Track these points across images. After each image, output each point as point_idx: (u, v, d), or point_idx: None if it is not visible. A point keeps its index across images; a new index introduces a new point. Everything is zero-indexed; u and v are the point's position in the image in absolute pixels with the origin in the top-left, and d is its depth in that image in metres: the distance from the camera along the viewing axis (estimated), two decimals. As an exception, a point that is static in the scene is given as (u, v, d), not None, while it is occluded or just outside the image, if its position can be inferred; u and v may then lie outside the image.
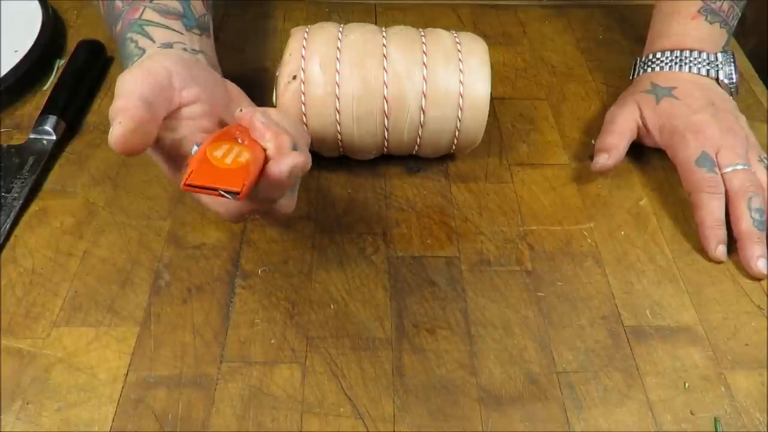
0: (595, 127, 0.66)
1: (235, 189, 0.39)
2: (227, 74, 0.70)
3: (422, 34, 0.57)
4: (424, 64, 0.54)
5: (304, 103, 0.54)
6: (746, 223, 0.55)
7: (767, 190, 0.57)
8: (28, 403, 0.45)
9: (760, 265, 0.53)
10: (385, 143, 0.57)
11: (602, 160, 0.59)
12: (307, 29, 0.56)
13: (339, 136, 0.56)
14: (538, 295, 0.52)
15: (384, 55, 0.54)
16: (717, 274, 0.54)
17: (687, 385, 0.47)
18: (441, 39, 0.56)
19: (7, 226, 0.55)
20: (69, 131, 0.63)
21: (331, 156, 0.59)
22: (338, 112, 0.54)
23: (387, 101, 0.54)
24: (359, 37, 0.55)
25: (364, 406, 0.45)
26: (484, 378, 0.47)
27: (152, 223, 0.56)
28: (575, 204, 0.59)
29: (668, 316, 0.51)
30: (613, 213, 0.58)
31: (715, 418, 0.46)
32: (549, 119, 0.67)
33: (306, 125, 0.55)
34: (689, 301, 0.52)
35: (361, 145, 0.57)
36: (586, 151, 0.64)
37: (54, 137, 0.61)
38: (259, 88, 0.69)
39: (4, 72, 0.65)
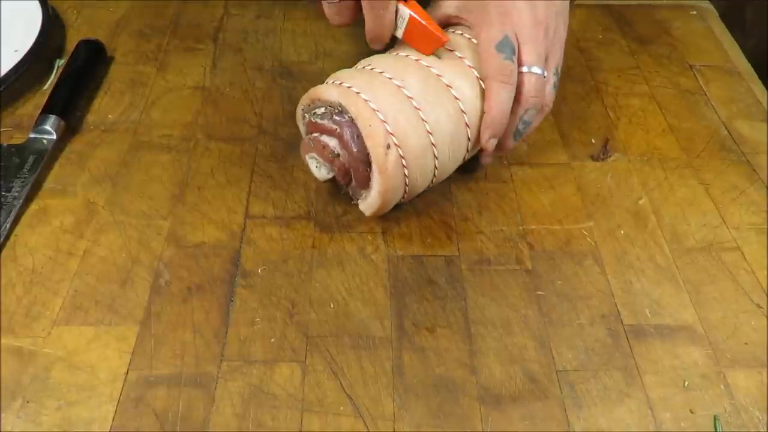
0: (594, 127, 0.66)
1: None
2: (227, 74, 0.70)
3: (449, 47, 0.56)
4: (477, 78, 0.54)
5: (406, 167, 0.52)
6: (510, 128, 0.55)
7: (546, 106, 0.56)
8: (28, 402, 0.45)
9: (490, 144, 0.55)
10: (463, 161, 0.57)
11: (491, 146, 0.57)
12: (352, 88, 0.52)
13: (434, 179, 0.55)
14: (538, 294, 0.52)
15: (448, 85, 0.53)
16: (716, 272, 0.54)
17: (686, 383, 0.47)
18: (468, 43, 0.56)
19: (8, 226, 0.55)
20: (69, 131, 0.63)
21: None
22: (436, 158, 0.53)
23: (469, 127, 0.54)
24: (415, 75, 0.53)
25: (364, 404, 0.45)
26: (484, 377, 0.47)
27: (152, 223, 0.56)
28: (575, 203, 0.59)
29: (668, 314, 0.51)
30: (612, 212, 0.58)
31: (714, 416, 0.46)
32: (548, 118, 0.67)
33: (407, 186, 0.53)
34: (688, 299, 0.52)
35: (446, 175, 0.57)
36: (586, 151, 0.64)
37: (54, 137, 0.61)
38: (259, 88, 0.69)
39: (4, 72, 0.65)
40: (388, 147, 0.51)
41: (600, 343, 0.49)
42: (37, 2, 0.72)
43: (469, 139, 0.55)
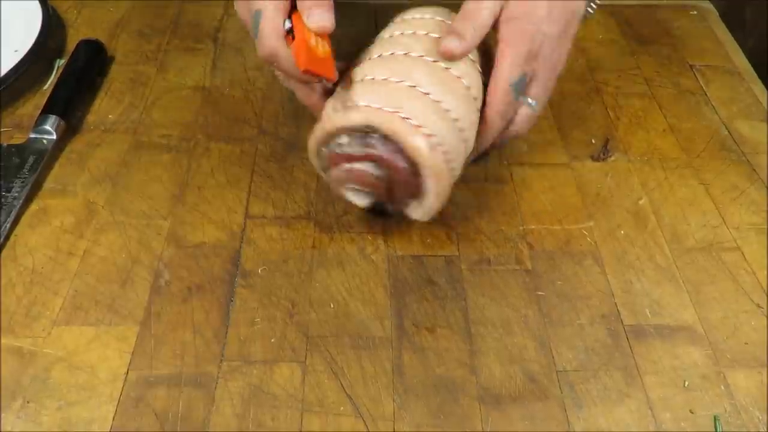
0: (594, 127, 0.66)
1: (331, 78, 0.52)
2: (227, 74, 0.70)
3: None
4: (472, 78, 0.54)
5: (451, 160, 0.51)
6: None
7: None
8: (28, 402, 0.45)
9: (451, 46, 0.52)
10: None
11: (452, 45, 0.52)
12: (370, 105, 0.50)
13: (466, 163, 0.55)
14: (538, 294, 0.52)
15: (458, 77, 0.52)
16: (716, 272, 0.54)
17: (686, 383, 0.47)
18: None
19: (8, 226, 0.55)
20: (69, 131, 0.63)
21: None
22: (465, 142, 0.53)
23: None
24: (420, 70, 0.52)
25: (364, 404, 0.45)
26: (484, 377, 0.47)
27: (152, 223, 0.56)
28: (575, 203, 0.59)
29: (668, 314, 0.51)
30: (612, 212, 0.58)
31: (714, 416, 0.46)
32: (548, 119, 0.67)
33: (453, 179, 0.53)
34: (688, 299, 0.52)
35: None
36: (586, 151, 0.64)
37: (54, 137, 0.61)
38: (259, 88, 0.69)
39: (4, 72, 0.65)
40: (432, 148, 0.50)
41: (600, 343, 0.49)
42: (37, 2, 0.72)
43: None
